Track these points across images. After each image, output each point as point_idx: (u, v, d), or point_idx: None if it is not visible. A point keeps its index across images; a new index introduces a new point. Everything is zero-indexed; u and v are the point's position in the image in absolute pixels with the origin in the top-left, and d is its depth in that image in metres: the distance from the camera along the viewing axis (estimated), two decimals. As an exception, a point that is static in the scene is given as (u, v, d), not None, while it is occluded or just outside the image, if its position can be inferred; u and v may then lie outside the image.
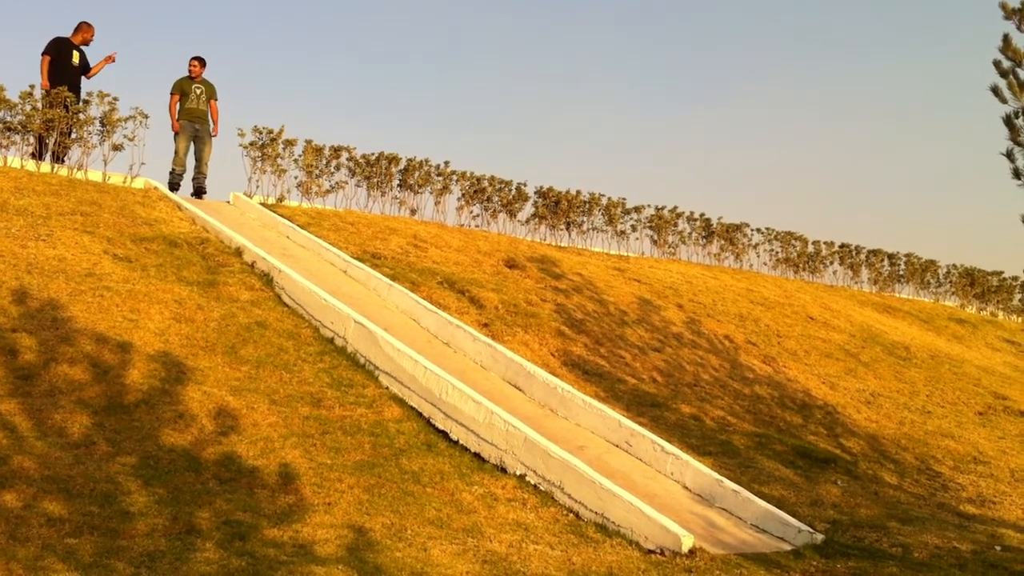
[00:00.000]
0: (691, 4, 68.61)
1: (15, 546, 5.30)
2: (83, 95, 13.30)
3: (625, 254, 18.41)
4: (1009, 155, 9.54)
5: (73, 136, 12.88)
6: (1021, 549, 8.34)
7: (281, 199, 14.93)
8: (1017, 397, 15.23)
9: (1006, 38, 9.42)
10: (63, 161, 12.87)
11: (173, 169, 14.21)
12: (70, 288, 8.85)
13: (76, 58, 13.44)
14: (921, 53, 68.04)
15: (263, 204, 14.34)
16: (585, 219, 18.42)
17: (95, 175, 12.91)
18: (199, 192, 14.40)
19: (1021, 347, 21.25)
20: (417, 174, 16.44)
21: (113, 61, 13.85)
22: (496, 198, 17.32)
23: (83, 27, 13.57)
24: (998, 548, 8.25)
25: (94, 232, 10.35)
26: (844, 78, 67.76)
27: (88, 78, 13.71)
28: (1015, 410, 14.36)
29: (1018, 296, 26.11)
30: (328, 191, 15.57)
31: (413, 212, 16.32)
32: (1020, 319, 25.50)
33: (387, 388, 8.93)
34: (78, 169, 12.77)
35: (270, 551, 5.78)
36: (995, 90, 9.50)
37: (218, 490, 6.55)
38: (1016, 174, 9.51)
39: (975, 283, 24.95)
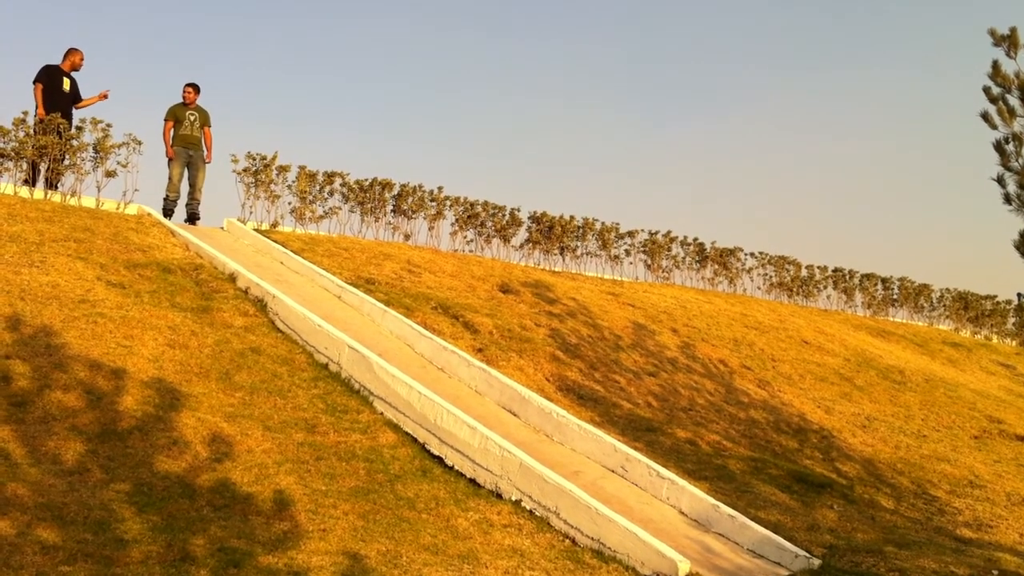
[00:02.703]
0: (687, 25, 69.01)
1: (9, 574, 5.25)
2: (75, 122, 13.30)
3: (619, 279, 18.42)
4: (1000, 180, 9.58)
5: (66, 162, 12.88)
6: (1018, 573, 8.31)
7: (275, 225, 14.93)
8: (1012, 421, 15.23)
9: (995, 64, 9.48)
10: (56, 187, 12.87)
11: (167, 195, 14.21)
12: (63, 315, 8.82)
13: (67, 85, 13.45)
14: (918, 76, 68.45)
15: (257, 230, 14.34)
16: (579, 244, 18.46)
17: (88, 201, 12.90)
18: (193, 218, 14.40)
19: (1016, 371, 21.27)
20: (411, 199, 16.47)
21: (106, 98, 13.86)
22: (490, 223, 17.35)
23: (71, 53, 13.57)
24: (995, 572, 8.22)
25: (87, 258, 10.33)
26: (839, 102, 68.14)
27: (77, 109, 13.70)
28: (1010, 434, 14.35)
29: (1012, 320, 26.17)
30: (322, 217, 15.58)
31: (407, 237, 16.34)
32: (1014, 343, 25.54)
33: (382, 414, 8.90)
34: (71, 195, 12.76)
35: (265, 578, 5.74)
36: (985, 116, 9.56)
37: (212, 517, 6.51)
38: (1007, 199, 9.55)
39: (969, 307, 25.01)
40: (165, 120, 14.35)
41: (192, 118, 14.36)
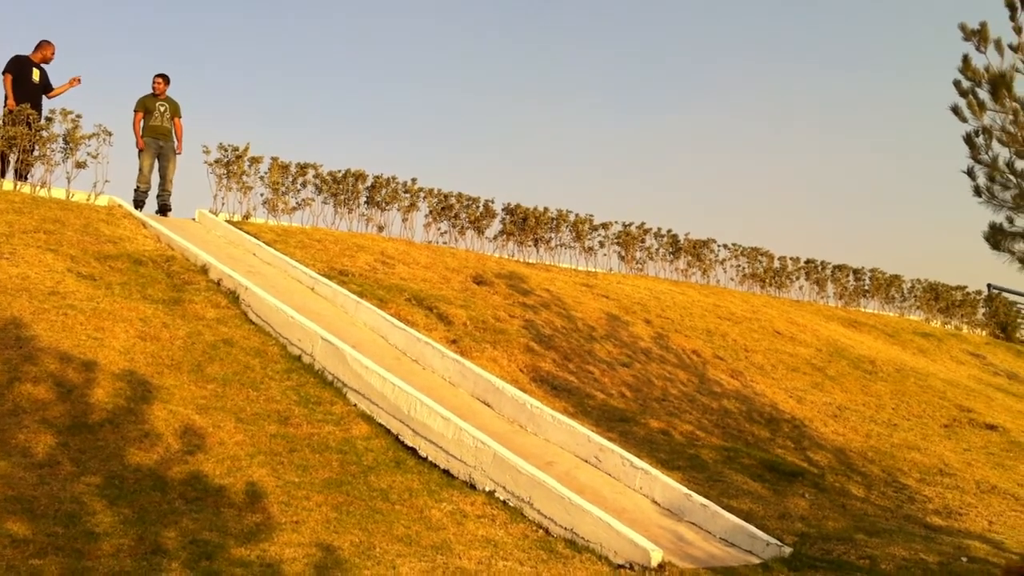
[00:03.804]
0: (655, 18, 69.11)
1: (-23, 568, 5.22)
2: (45, 113, 13.19)
3: (593, 270, 18.44)
4: (970, 173, 9.66)
5: (36, 153, 12.77)
6: (987, 560, 8.41)
7: (247, 216, 14.86)
8: (982, 410, 15.38)
9: (965, 58, 9.54)
10: (26, 179, 12.76)
11: (138, 187, 14.12)
12: (33, 307, 8.75)
13: (36, 76, 13.34)
14: (888, 72, 68.87)
15: (229, 221, 14.26)
16: (553, 235, 18.45)
17: (59, 192, 12.80)
18: (164, 209, 14.31)
19: (985, 360, 21.48)
20: (384, 191, 16.41)
21: (78, 84, 13.75)
22: (464, 215, 17.32)
23: (43, 45, 13.46)
24: (964, 559, 8.31)
25: (58, 250, 10.26)
26: (810, 96, 68.48)
27: (49, 98, 13.59)
28: (980, 422, 14.50)
29: (982, 310, 26.38)
30: (295, 208, 15.51)
31: (380, 229, 16.29)
32: (984, 333, 25.77)
33: (355, 405, 8.89)
34: (41, 187, 12.66)
35: (237, 570, 5.73)
36: (955, 110, 9.63)
37: (184, 509, 6.49)
38: (977, 191, 9.63)
39: (939, 297, 25.19)
40: (135, 111, 14.26)
41: (162, 109, 14.27)
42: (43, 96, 13.49)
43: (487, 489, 7.87)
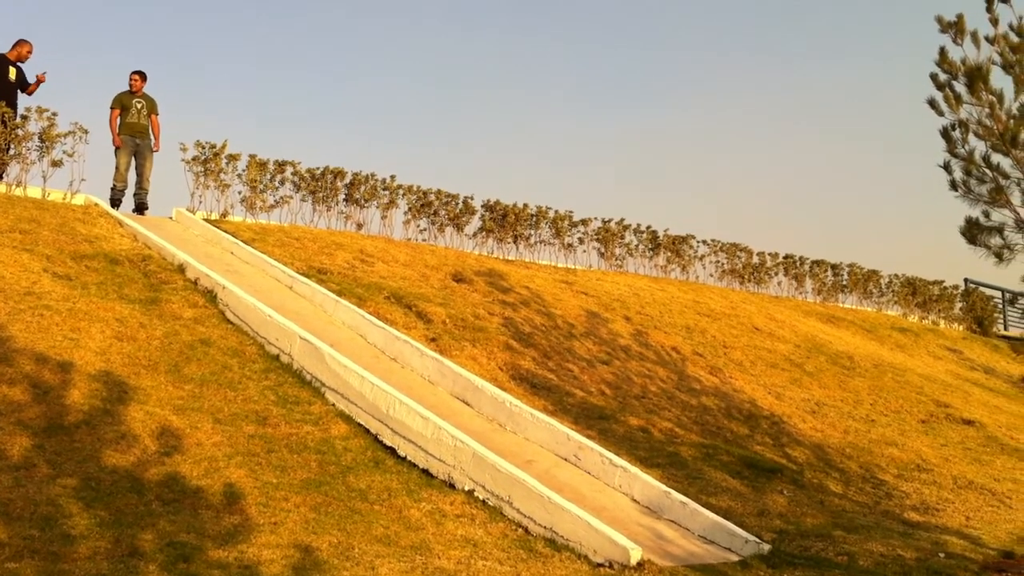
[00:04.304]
0: (635, 13, 69.19)
1: (-49, 573, 5.18)
2: (20, 111, 13.11)
3: (572, 267, 18.45)
4: (947, 167, 9.71)
5: (11, 152, 12.67)
6: (964, 556, 8.45)
7: (225, 215, 14.79)
8: (959, 405, 15.48)
9: (942, 51, 9.59)
10: (1, 178, 12.66)
11: (114, 185, 14.03)
12: (8, 307, 8.69)
13: (12, 74, 13.26)
14: (867, 65, 69.16)
15: (206, 220, 14.19)
16: (532, 232, 18.44)
17: (34, 191, 12.71)
18: (140, 208, 14.23)
19: (962, 355, 21.61)
20: (363, 188, 16.37)
21: (44, 81, 13.67)
22: (443, 212, 17.29)
23: (20, 44, 13.39)
24: (942, 555, 8.35)
25: (33, 250, 10.18)
26: (789, 92, 68.72)
27: (28, 95, 13.53)
28: (957, 418, 14.58)
29: (959, 305, 26.54)
30: (273, 206, 15.45)
31: (359, 227, 16.24)
32: (961, 328, 25.92)
33: (334, 405, 8.86)
34: (16, 185, 12.57)
35: (215, 572, 5.70)
36: (932, 103, 9.67)
37: (161, 511, 6.45)
38: (953, 185, 9.68)
39: (917, 292, 25.32)
40: (111, 108, 14.16)
41: (139, 106, 14.19)
42: (19, 93, 13.41)
43: (466, 488, 7.86)
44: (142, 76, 14.36)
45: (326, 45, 68.96)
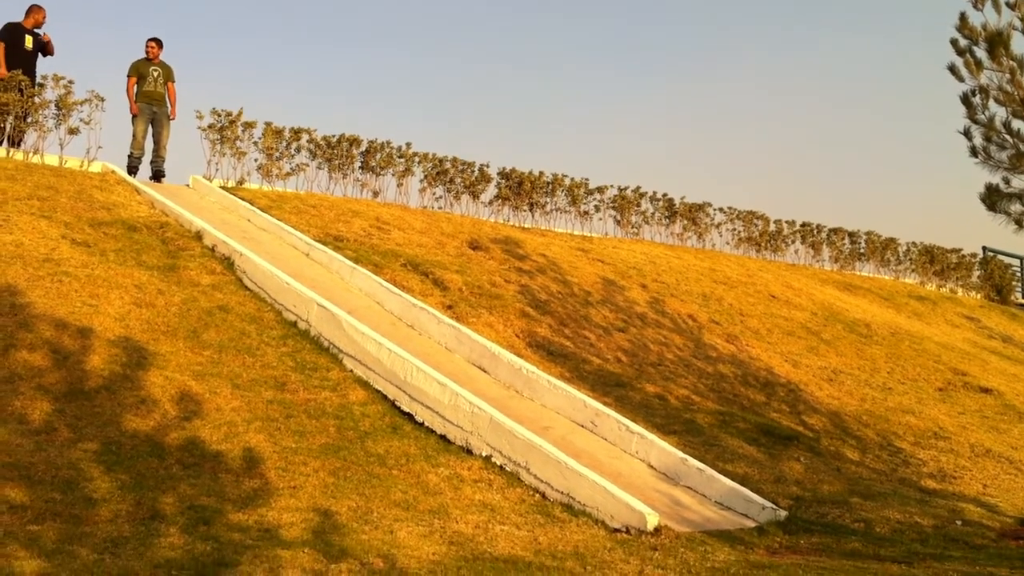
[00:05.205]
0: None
1: (-25, 535, 5.24)
2: (38, 79, 13.12)
3: (589, 235, 18.41)
4: (967, 133, 9.63)
5: (29, 120, 12.69)
6: (981, 523, 8.46)
7: (241, 182, 14.80)
8: (976, 373, 15.43)
9: (963, 17, 9.50)
10: (19, 145, 12.69)
11: (131, 152, 14.05)
12: (28, 274, 8.73)
13: (29, 42, 13.24)
14: (882, 31, 68.57)
15: (223, 187, 14.21)
16: (548, 200, 18.38)
17: (52, 159, 12.74)
18: (157, 176, 14.24)
19: (980, 323, 21.52)
20: (379, 156, 16.34)
21: (49, 40, 13.62)
22: (459, 180, 17.24)
23: (34, 10, 13.35)
24: (959, 523, 8.36)
25: (51, 217, 10.22)
26: (807, 60, 68.20)
27: (52, 53, 13.52)
28: (974, 386, 14.54)
29: (977, 273, 26.39)
30: (289, 174, 15.45)
31: (375, 194, 16.23)
32: (979, 296, 25.79)
33: (351, 371, 8.89)
34: (34, 153, 12.60)
35: (235, 535, 5.75)
36: (952, 69, 9.59)
37: (182, 475, 6.50)
38: (973, 152, 9.61)
39: (934, 260, 25.18)
40: (128, 76, 14.15)
41: (155, 74, 14.17)
42: (38, 60, 13.40)
43: (483, 454, 7.89)
44: (158, 43, 14.33)
45: (341, 12, 68.73)
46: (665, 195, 20.16)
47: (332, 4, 68.06)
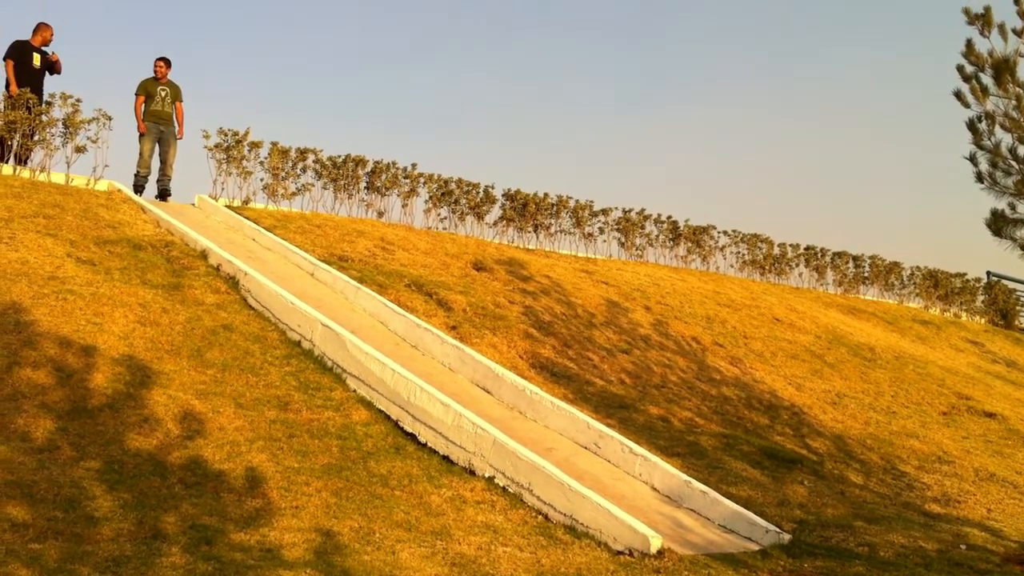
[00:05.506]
0: (657, 7, 68.96)
1: (-23, 552, 5.22)
2: (45, 97, 13.18)
3: (593, 256, 18.42)
4: (972, 159, 9.65)
5: (36, 138, 12.75)
6: (985, 548, 8.42)
7: (247, 201, 14.84)
8: (980, 397, 15.39)
9: (969, 43, 9.52)
10: (25, 163, 12.74)
11: (138, 171, 14.10)
12: (33, 291, 8.75)
13: (37, 60, 13.31)
14: (888, 56, 68.74)
15: (228, 206, 14.24)
16: (553, 221, 18.41)
17: (58, 177, 12.79)
18: (164, 194, 14.29)
19: (984, 348, 21.48)
20: (384, 176, 16.39)
21: (57, 59, 13.70)
22: (463, 200, 17.28)
23: (41, 28, 13.43)
24: (963, 547, 8.32)
25: (57, 235, 10.24)
26: (811, 83, 68.37)
27: (59, 72, 13.60)
28: (978, 410, 14.50)
29: (981, 298, 26.36)
30: (294, 193, 15.49)
31: (380, 214, 16.27)
32: (983, 320, 25.76)
33: (355, 391, 8.89)
34: (40, 171, 12.64)
35: (237, 555, 5.73)
36: (958, 95, 9.61)
37: (184, 494, 6.49)
38: (979, 177, 9.62)
39: (939, 285, 25.16)
40: (136, 95, 14.23)
41: (163, 93, 14.24)
42: (45, 78, 13.47)
43: (487, 475, 7.87)
44: (167, 63, 14.41)
45: (349, 33, 69.07)
46: (669, 217, 20.19)
47: (341, 26, 68.39)
